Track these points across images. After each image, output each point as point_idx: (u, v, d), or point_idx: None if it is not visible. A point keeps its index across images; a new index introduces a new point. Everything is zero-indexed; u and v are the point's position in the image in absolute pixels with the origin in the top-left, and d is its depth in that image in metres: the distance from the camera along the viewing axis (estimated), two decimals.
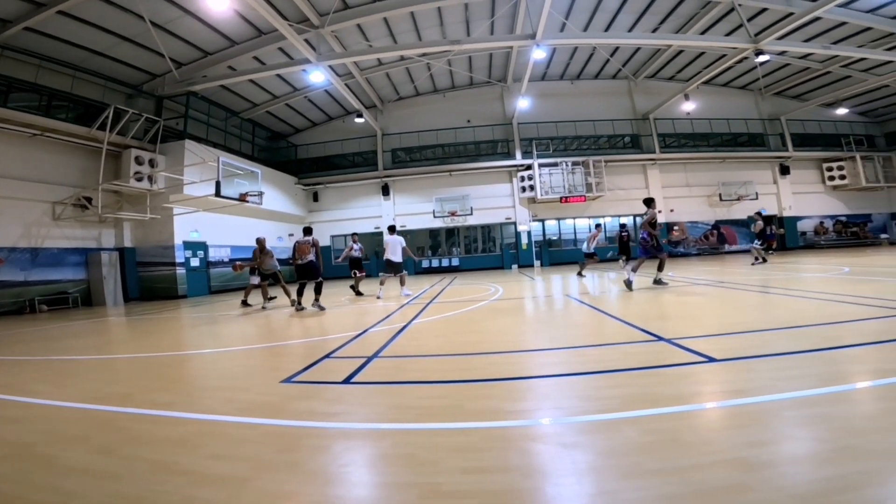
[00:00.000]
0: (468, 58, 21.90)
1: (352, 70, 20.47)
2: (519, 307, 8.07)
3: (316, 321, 7.67)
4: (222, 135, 20.12)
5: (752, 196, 24.22)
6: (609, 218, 24.90)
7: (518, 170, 23.85)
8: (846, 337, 4.03)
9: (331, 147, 25.26)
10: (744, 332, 4.48)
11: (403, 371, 4.00)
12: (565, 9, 17.40)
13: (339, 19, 16.35)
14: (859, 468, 1.73)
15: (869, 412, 2.38)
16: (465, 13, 17.93)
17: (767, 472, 1.77)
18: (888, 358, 3.31)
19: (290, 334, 6.67)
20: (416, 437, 2.47)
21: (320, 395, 3.38)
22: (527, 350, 4.54)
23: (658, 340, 4.34)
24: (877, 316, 4.88)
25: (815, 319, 4.89)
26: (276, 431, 2.68)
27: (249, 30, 16.74)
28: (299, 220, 24.13)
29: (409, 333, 5.83)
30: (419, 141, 24.85)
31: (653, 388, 2.96)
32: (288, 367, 4.21)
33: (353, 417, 2.85)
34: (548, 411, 2.74)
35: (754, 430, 2.22)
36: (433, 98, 25.52)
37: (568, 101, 24.86)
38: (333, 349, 4.99)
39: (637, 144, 24.77)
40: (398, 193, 24.79)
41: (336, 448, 2.40)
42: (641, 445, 2.12)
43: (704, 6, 17.21)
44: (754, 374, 3.12)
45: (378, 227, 24.56)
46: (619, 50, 21.63)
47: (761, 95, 25.79)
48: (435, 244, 25.43)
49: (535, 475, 1.94)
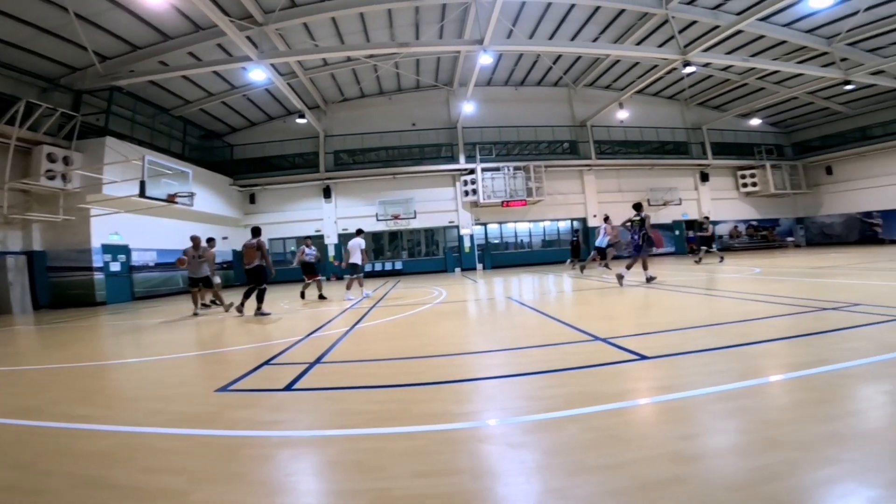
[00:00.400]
0: (416, 61, 21.87)
1: (295, 69, 19.86)
2: (463, 310, 8.16)
3: (254, 327, 7.36)
4: (149, 132, 18.84)
5: (677, 202, 25.90)
6: (548, 222, 25.73)
7: (461, 174, 24.12)
8: (759, 333, 4.39)
9: (270, 148, 24.35)
10: (670, 331, 4.78)
11: (348, 376, 3.93)
12: (513, 16, 17.77)
13: (285, 17, 15.81)
14: (780, 458, 1.86)
15: (783, 404, 2.60)
16: (415, 16, 17.91)
17: (700, 465, 1.89)
18: (796, 352, 3.65)
19: (226, 342, 6.36)
20: (364, 442, 2.43)
21: (260, 403, 3.25)
22: (472, 352, 4.59)
23: (595, 340, 4.54)
24: (785, 313, 5.38)
25: (732, 317, 5.30)
26: (213, 442, 2.55)
27: (186, 25, 15.79)
28: (234, 223, 23.06)
29: (353, 338, 5.73)
30: (363, 143, 24.50)
31: (592, 387, 3.09)
32: (223, 376, 4.02)
33: (296, 425, 2.76)
34: (494, 412, 2.78)
35: (685, 423, 2.37)
36: (379, 100, 25.26)
37: (511, 106, 25.41)
38: (273, 356, 4.82)
39: (575, 150, 25.73)
40: (340, 196, 24.32)
41: (280, 457, 2.32)
42: (585, 442, 2.19)
43: (641, 17, 18.13)
44: (681, 371, 3.33)
45: (319, 230, 23.95)
46: (562, 58, 22.35)
47: (686, 106, 27.57)
48: (378, 247, 25.16)
49: (485, 476, 1.96)
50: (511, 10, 17.33)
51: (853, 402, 2.52)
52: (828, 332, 4.14)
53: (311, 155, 24.39)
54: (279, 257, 24.00)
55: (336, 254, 23.73)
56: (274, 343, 5.69)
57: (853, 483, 1.64)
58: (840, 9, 16.24)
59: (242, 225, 23.59)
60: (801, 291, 7.14)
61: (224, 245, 21.61)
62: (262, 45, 15.49)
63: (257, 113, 24.04)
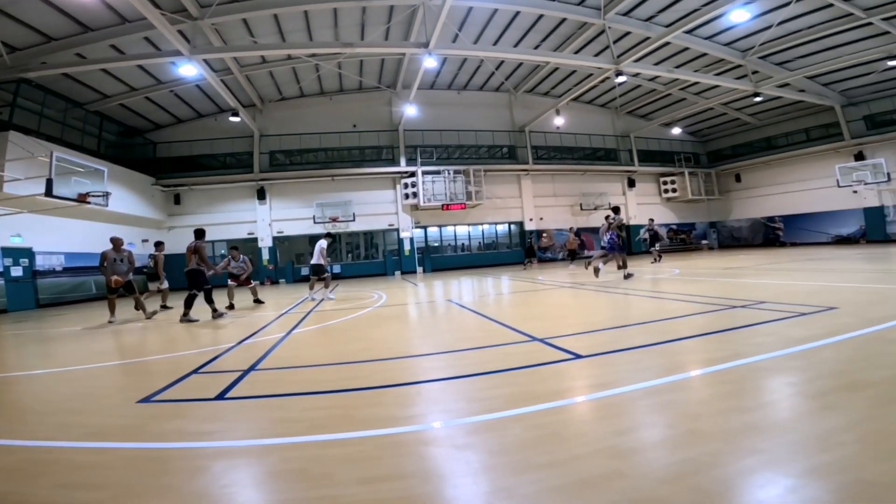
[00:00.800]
0: (360, 62, 21.52)
1: (231, 66, 18.92)
2: (404, 313, 8.13)
3: (180, 335, 6.91)
4: (60, 128, 17.18)
5: (606, 206, 27.22)
6: (487, 225, 26.20)
7: (402, 176, 24.04)
8: (680, 331, 4.74)
9: (198, 146, 22.99)
10: (602, 330, 5.05)
11: (285, 383, 3.81)
12: (460, 20, 17.94)
13: (222, 12, 15.04)
14: (704, 450, 2.01)
15: (704, 397, 2.81)
16: (361, 17, 17.63)
17: (635, 459, 2.00)
18: (713, 348, 3.97)
19: (147, 350, 5.94)
20: (305, 450, 2.36)
21: (189, 413, 3.08)
22: (413, 355, 4.59)
23: (532, 340, 4.68)
24: (702, 311, 5.83)
25: (656, 316, 5.67)
26: (139, 455, 2.39)
27: (111, 16, 14.55)
28: (157, 225, 21.54)
29: (290, 344, 5.55)
30: (301, 144, 23.74)
31: (532, 386, 3.18)
32: (145, 386, 3.77)
33: (231, 435, 2.63)
34: (438, 415, 2.79)
35: (619, 419, 2.51)
36: (319, 100, 24.58)
37: (454, 110, 25.63)
38: (201, 364, 4.57)
39: (513, 155, 26.42)
40: (275, 197, 23.42)
41: (215, 468, 2.20)
42: (527, 441, 2.26)
43: (581, 27, 18.94)
44: (614, 368, 3.52)
45: (252, 233, 22.92)
46: (505, 64, 22.83)
47: (617, 114, 29.11)
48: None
49: (432, 479, 1.96)
50: (458, 15, 17.51)
51: (765, 394, 2.78)
52: (739, 329, 4.54)
53: (244, 155, 23.29)
54: (209, 261, 22.70)
55: (270, 257, 22.81)
56: (202, 351, 5.38)
57: (772, 473, 1.77)
58: (755, 23, 17.76)
59: (166, 227, 22.12)
60: (714, 291, 7.77)
61: (145, 248, 20.14)
62: (195, 40, 14.60)
63: (185, 110, 22.61)
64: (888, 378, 2.73)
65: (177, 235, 22.07)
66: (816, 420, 2.25)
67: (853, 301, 5.66)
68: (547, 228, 26.30)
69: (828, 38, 18.24)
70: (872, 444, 1.91)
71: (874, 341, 3.68)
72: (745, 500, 1.63)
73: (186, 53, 14.08)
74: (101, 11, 14.18)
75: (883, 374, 2.80)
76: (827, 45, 18.81)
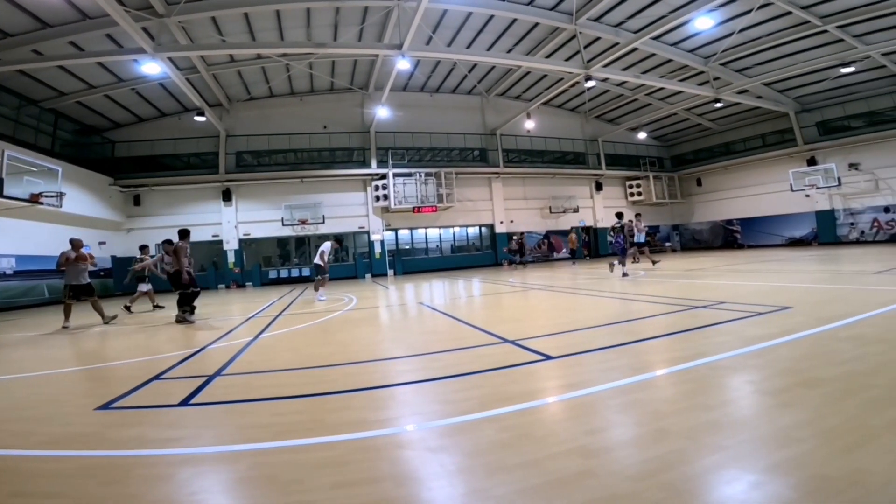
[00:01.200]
0: (332, 62, 21.18)
1: (197, 64, 18.30)
2: (374, 316, 8.07)
3: (140, 340, 6.67)
4: (12, 125, 16.32)
5: (575, 209, 27.81)
6: (458, 227, 26.26)
7: (373, 179, 23.84)
8: (646, 331, 4.88)
9: (161, 146, 22.14)
10: (571, 331, 5.14)
11: (253, 388, 3.73)
12: (434, 23, 17.89)
13: (190, 10, 14.58)
14: (671, 448, 2.07)
15: (669, 396, 2.90)
16: (335, 17, 17.37)
17: (605, 457, 2.05)
18: (677, 347, 4.10)
19: (106, 356, 5.71)
20: (275, 455, 2.32)
21: (150, 420, 2.99)
22: (385, 358, 4.57)
23: (504, 342, 4.73)
24: (666, 311, 6.02)
25: (623, 317, 5.83)
26: (98, 463, 2.30)
27: (72, 13, 13.90)
28: (114, 227, 20.65)
29: (256, 348, 5.44)
30: (269, 144, 23.19)
31: (504, 387, 3.22)
32: (104, 393, 3.65)
33: (197, 441, 2.56)
34: (411, 417, 2.78)
35: (589, 419, 2.56)
36: (289, 101, 24.07)
37: (426, 112, 25.54)
38: (163, 370, 4.44)
39: (484, 158, 26.58)
40: (242, 199, 22.80)
41: (181, 476, 2.14)
42: (501, 442, 2.28)
43: (552, 31, 19.16)
44: (583, 369, 3.60)
45: (217, 235, 22.25)
46: (477, 67, 22.89)
47: (586, 118, 29.61)
48: (284, 253, 24.02)
49: (407, 482, 1.96)
50: (433, 17, 17.47)
51: (726, 392, 2.89)
52: (701, 328, 4.71)
53: (209, 155, 22.57)
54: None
55: (236, 260, 22.21)
56: (164, 357, 5.21)
57: (736, 469, 1.85)
58: (718, 30, 18.36)
59: (124, 229, 21.23)
60: (678, 292, 8.03)
61: (102, 251, 19.36)
62: (160, 38, 14.14)
63: (147, 108, 21.75)
64: (840, 375, 2.88)
65: (136, 237, 21.23)
66: (775, 417, 2.35)
67: (806, 301, 5.95)
68: (517, 231, 26.60)
69: (785, 45, 19.09)
70: (828, 440, 2.01)
71: (826, 339, 3.88)
72: (711, 496, 1.69)
73: (150, 51, 13.61)
74: (62, 8, 13.58)
75: (835, 371, 2.96)
76: (784, 52, 19.68)
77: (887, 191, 21.39)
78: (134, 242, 21.10)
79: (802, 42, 18.72)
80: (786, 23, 17.69)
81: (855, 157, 22.24)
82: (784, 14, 16.99)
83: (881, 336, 3.81)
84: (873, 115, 21.80)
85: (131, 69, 17.51)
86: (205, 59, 18.51)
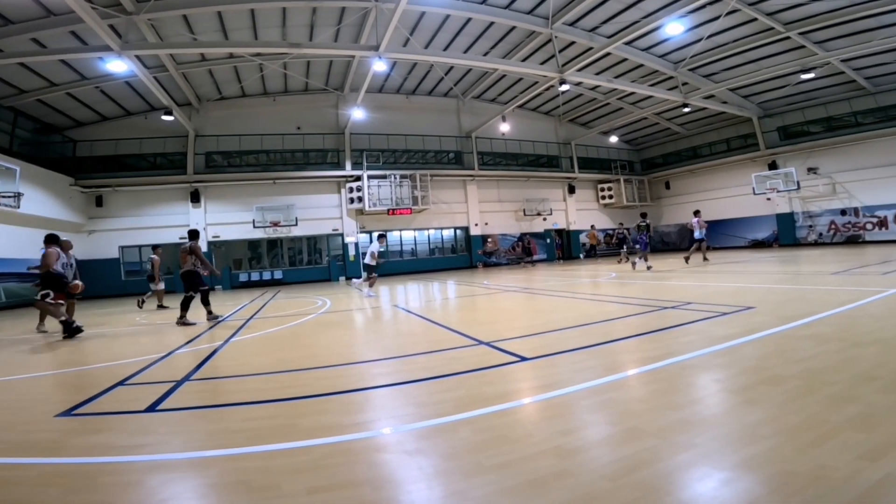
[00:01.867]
0: (307, 63, 20.91)
1: (166, 63, 17.77)
2: (348, 319, 8.00)
3: (103, 346, 6.42)
4: None
5: (548, 212, 28.19)
6: (433, 230, 26.25)
7: (347, 180, 23.62)
8: (617, 331, 4.98)
9: (125, 145, 21.40)
10: (545, 332, 5.20)
11: (223, 393, 3.65)
12: (412, 25, 17.87)
13: (161, 7, 14.20)
14: (644, 446, 2.11)
15: (640, 395, 2.96)
16: (311, 17, 17.15)
17: (580, 457, 2.08)
18: (647, 347, 4.20)
19: (66, 362, 5.47)
20: (248, 461, 2.27)
21: (116, 426, 2.89)
22: (359, 362, 4.53)
23: (479, 344, 4.75)
24: (636, 312, 6.16)
25: (596, 318, 5.93)
26: (61, 470, 2.22)
27: (36, 9, 13.41)
28: (75, 228, 19.81)
29: (227, 353, 5.32)
30: (240, 145, 22.68)
31: (479, 389, 3.23)
32: (64, 400, 3.53)
33: (165, 448, 2.49)
34: (387, 421, 2.77)
35: (563, 419, 2.59)
36: (262, 101, 23.62)
37: (401, 114, 25.47)
38: (128, 375, 4.30)
39: (459, 161, 26.65)
40: (211, 200, 22.23)
41: (151, 483, 2.08)
42: (477, 444, 2.28)
43: (529, 35, 19.42)
44: (557, 369, 3.64)
45: (184, 238, 21.49)
46: (454, 69, 22.94)
47: (560, 121, 30.11)
48: (255, 256, 23.51)
49: (385, 486, 1.94)
50: (410, 19, 17.45)
51: (695, 391, 2.97)
52: (669, 329, 4.84)
53: (177, 155, 21.93)
54: (134, 267, 21.23)
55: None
56: (128, 362, 5.04)
57: (707, 466, 1.90)
58: (688, 36, 18.99)
59: (85, 231, 20.44)
60: (647, 293, 8.23)
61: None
62: (128, 36, 13.73)
63: (112, 107, 21.00)
64: (801, 372, 3.00)
65: (98, 240, 20.52)
66: (741, 414, 2.43)
67: (767, 301, 6.18)
68: (492, 233, 26.78)
69: (750, 51, 19.85)
70: (792, 437, 2.09)
71: (787, 338, 4.04)
72: (684, 493, 1.73)
73: (117, 49, 13.17)
74: (25, 4, 13.11)
75: (796, 369, 3.08)
76: (749, 58, 20.46)
77: (844, 194, 22.42)
78: (95, 244, 20.39)
79: (766, 48, 19.50)
80: (751, 29, 18.41)
81: (813, 162, 23.26)
82: (750, 20, 17.67)
83: (838, 335, 3.99)
84: (831, 121, 22.83)
85: (96, 67, 16.94)
86: (174, 57, 18.02)
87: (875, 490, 1.61)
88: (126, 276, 20.99)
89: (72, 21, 13.53)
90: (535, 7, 17.69)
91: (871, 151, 21.29)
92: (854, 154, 21.84)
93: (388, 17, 14.30)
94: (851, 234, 22.16)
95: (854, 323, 4.49)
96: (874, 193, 21.22)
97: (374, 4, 15.61)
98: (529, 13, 18.05)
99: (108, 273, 20.40)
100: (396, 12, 13.54)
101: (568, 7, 17.39)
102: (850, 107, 22.09)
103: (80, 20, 12.08)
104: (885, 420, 2.18)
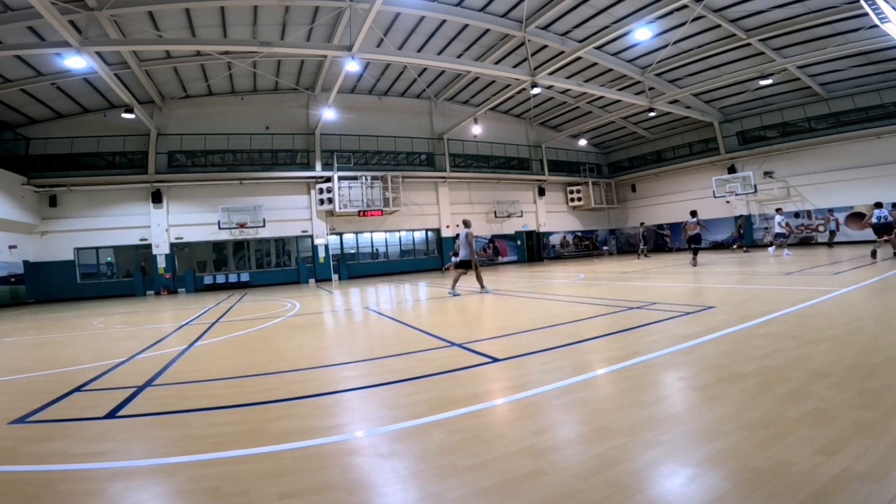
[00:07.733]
0: (277, 62, 20.47)
1: (128, 59, 17.05)
2: (318, 322, 7.88)
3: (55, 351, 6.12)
4: None
5: (519, 214, 28.49)
6: (404, 232, 26.15)
7: (317, 182, 23.25)
8: (586, 332, 5.08)
9: (82, 143, 20.46)
10: (516, 333, 5.26)
11: (187, 398, 3.54)
12: (386, 25, 17.74)
13: (124, 3, 13.70)
14: (613, 444, 2.17)
15: (608, 394, 3.04)
16: (283, 16, 16.78)
17: (553, 457, 2.11)
18: (614, 347, 4.30)
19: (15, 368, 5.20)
20: (216, 467, 2.22)
21: (73, 433, 2.79)
22: (330, 365, 4.47)
23: (451, 346, 4.77)
24: (604, 313, 6.30)
25: (565, 318, 6.03)
26: (17, 478, 2.14)
27: None
28: (27, 229, 18.90)
29: (190, 357, 5.17)
30: (206, 144, 21.99)
31: (452, 391, 3.25)
32: (18, 407, 3.37)
33: (127, 454, 2.41)
34: (360, 424, 2.75)
35: (535, 419, 2.63)
36: (229, 100, 22.98)
37: (373, 115, 25.28)
38: (85, 381, 4.14)
39: (431, 162, 26.63)
40: (174, 201, 21.48)
41: (113, 490, 2.01)
42: (451, 445, 2.30)
43: (502, 38, 19.59)
44: (528, 370, 3.69)
45: (145, 239, 20.83)
46: (427, 71, 22.86)
47: (530, 124, 30.50)
48: (220, 258, 22.81)
49: (359, 489, 1.93)
50: (385, 20, 17.32)
51: (660, 389, 3.06)
52: (635, 328, 4.98)
53: (137, 154, 21.09)
54: (91, 269, 20.35)
55: (167, 265, 20.91)
56: (84, 368, 4.84)
57: (674, 463, 1.96)
58: (655, 41, 19.51)
59: (38, 231, 19.47)
60: (614, 293, 8.44)
61: (13, 255, 17.70)
62: (88, 31, 13.13)
63: (68, 104, 20.08)
64: (759, 370, 3.14)
65: (52, 241, 19.57)
66: (704, 411, 2.52)
67: (727, 300, 6.43)
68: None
69: (713, 57, 20.58)
70: (753, 432, 2.18)
71: (746, 336, 4.22)
72: (654, 490, 1.78)
73: (76, 45, 12.59)
74: None
75: (755, 366, 3.22)
76: (712, 63, 21.22)
77: (797, 197, 23.53)
78: (49, 246, 19.45)
79: (728, 54, 20.28)
80: (715, 35, 19.12)
81: (769, 166, 24.34)
82: (714, 27, 18.36)
83: (792, 332, 4.19)
84: (786, 126, 23.90)
85: (53, 63, 16.14)
86: (138, 54, 17.37)
87: (833, 484, 1.68)
88: (82, 278, 20.09)
89: (30, 16, 12.93)
90: (510, 10, 17.88)
91: (823, 156, 22.41)
92: (807, 158, 22.95)
93: (362, 18, 14.17)
94: (804, 235, 23.24)
95: (807, 321, 4.71)
96: (826, 196, 22.29)
97: (348, 4, 15.44)
98: (503, 16, 18.22)
99: (63, 276, 19.52)
100: (371, 12, 13.43)
101: (542, 11, 17.64)
102: (804, 112, 23.18)
103: (39, 15, 11.52)
104: (838, 416, 2.29)
